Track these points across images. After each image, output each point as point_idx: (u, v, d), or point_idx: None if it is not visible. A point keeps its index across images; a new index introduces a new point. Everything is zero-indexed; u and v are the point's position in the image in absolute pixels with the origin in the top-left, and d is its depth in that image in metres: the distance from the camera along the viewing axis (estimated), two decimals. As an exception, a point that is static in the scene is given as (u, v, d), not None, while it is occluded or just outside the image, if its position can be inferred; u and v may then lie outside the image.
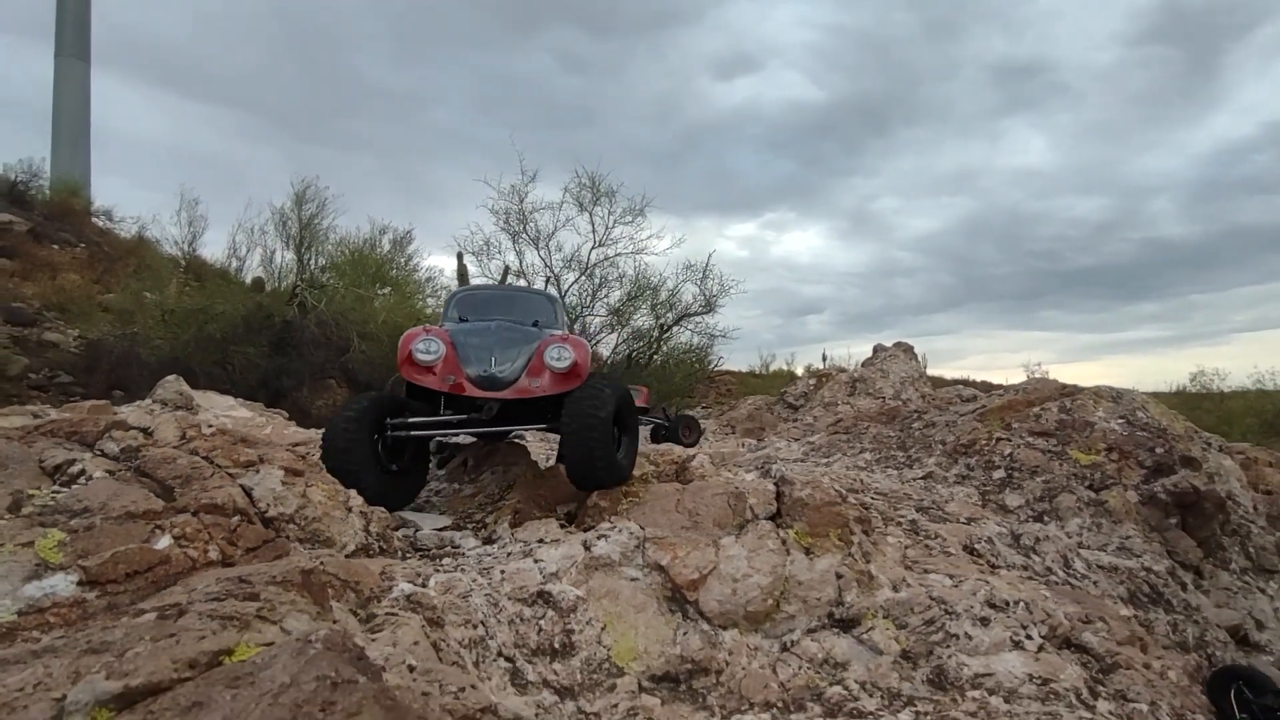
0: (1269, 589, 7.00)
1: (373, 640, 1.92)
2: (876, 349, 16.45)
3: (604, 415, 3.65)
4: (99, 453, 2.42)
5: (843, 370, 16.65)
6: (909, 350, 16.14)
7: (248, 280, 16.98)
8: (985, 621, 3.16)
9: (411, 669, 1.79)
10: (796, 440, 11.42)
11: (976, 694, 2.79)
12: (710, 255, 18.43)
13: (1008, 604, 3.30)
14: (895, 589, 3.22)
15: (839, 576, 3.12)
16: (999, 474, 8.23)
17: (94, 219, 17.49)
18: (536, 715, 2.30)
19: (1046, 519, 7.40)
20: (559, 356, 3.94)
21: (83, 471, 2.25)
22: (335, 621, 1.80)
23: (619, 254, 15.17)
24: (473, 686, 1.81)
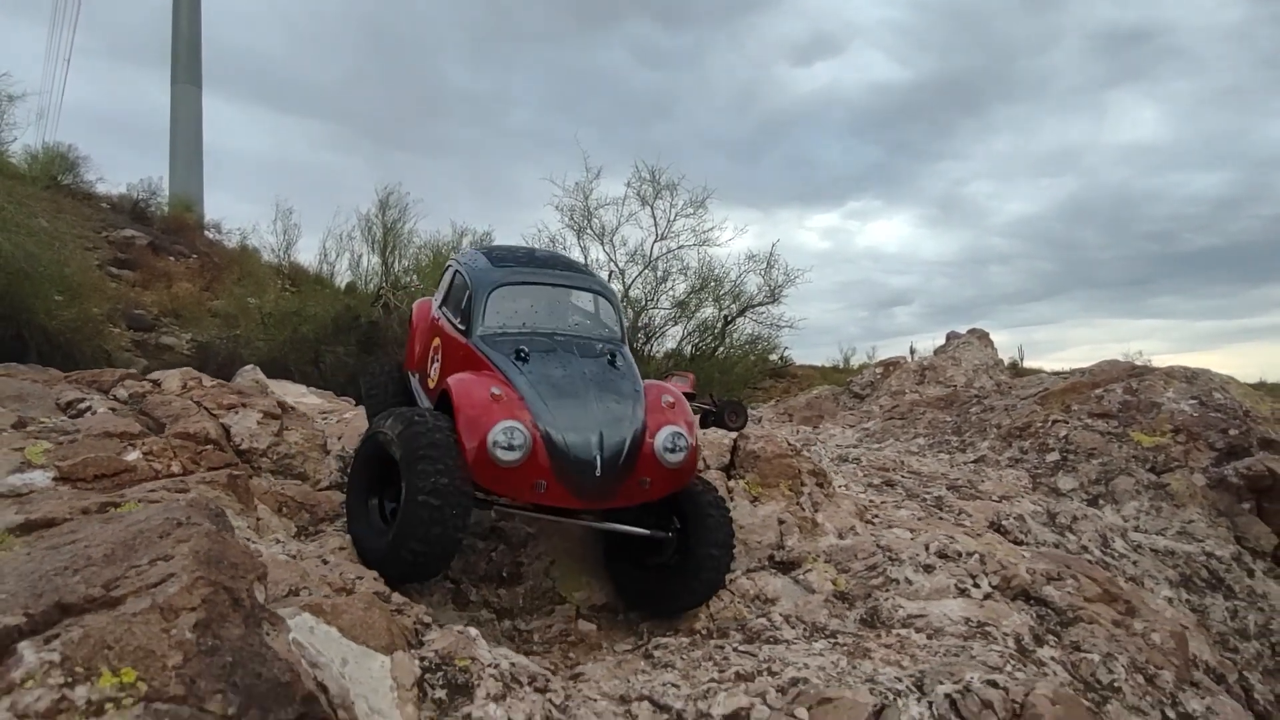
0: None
1: (302, 543, 2.26)
2: (950, 336, 15.95)
3: None
4: (112, 397, 2.91)
5: (914, 356, 16.22)
6: (984, 337, 15.59)
7: (340, 284, 18.21)
8: (929, 569, 3.23)
9: (325, 562, 2.12)
10: (852, 427, 11.30)
11: (903, 632, 2.89)
12: (774, 245, 18.30)
13: (960, 554, 3.35)
14: (841, 536, 3.34)
15: (781, 523, 3.27)
16: (1052, 457, 8.01)
17: (205, 232, 19.15)
18: (466, 624, 2.60)
19: (1101, 502, 7.16)
20: (674, 446, 2.96)
21: (90, 408, 2.73)
22: (259, 519, 2.16)
23: (681, 246, 15.37)
24: (375, 579, 2.13)
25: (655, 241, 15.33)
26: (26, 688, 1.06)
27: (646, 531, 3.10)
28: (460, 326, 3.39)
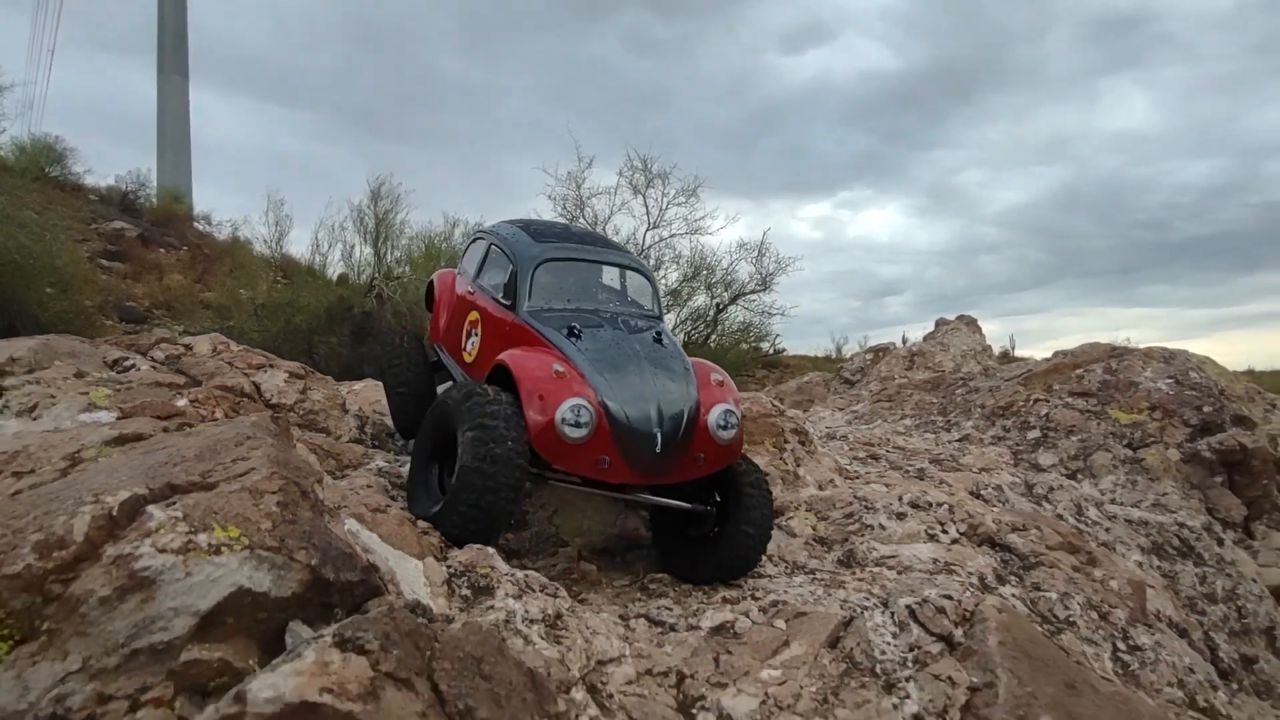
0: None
1: (331, 481, 2.53)
2: (938, 323, 16.20)
3: None
4: (150, 358, 3.17)
5: (903, 343, 16.50)
6: (972, 323, 15.87)
7: (332, 275, 18.32)
8: (902, 516, 3.51)
9: (357, 492, 2.39)
10: (841, 410, 11.59)
11: (875, 569, 3.18)
12: (765, 232, 18.55)
13: (930, 504, 3.64)
14: (821, 488, 3.62)
15: (765, 474, 3.54)
16: (1034, 434, 8.29)
17: (195, 223, 19.22)
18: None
19: (1080, 477, 7.44)
20: (726, 423, 3.04)
21: (133, 365, 2.99)
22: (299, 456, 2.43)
23: (673, 235, 15.61)
24: (403, 507, 2.40)
25: (647, 230, 15.57)
26: (160, 533, 1.32)
27: (688, 505, 3.16)
28: (504, 302, 3.44)
